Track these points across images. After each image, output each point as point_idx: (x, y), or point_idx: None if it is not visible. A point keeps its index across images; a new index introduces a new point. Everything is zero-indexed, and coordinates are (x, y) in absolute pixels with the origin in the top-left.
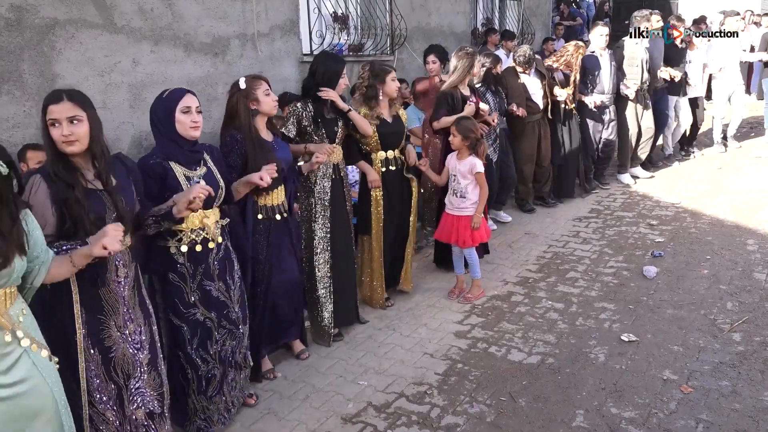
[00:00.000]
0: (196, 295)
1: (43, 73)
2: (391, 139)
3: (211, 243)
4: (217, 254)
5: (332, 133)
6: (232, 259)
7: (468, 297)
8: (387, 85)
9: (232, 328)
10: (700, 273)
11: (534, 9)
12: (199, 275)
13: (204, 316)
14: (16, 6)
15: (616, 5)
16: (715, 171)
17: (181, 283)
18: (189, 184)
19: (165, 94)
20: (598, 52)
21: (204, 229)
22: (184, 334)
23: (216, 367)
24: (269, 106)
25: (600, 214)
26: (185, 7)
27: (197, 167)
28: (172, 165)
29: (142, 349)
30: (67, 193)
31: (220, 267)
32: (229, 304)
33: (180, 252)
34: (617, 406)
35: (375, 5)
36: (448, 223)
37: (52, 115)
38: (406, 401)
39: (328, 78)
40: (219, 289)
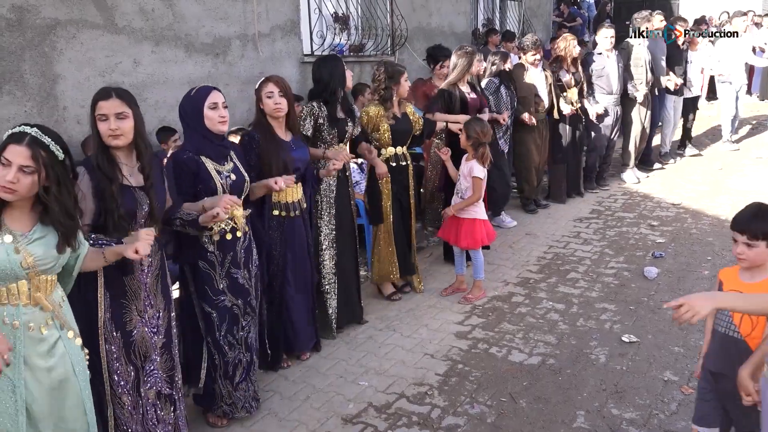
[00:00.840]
0: (224, 282)
1: (44, 74)
2: (401, 136)
3: (239, 232)
4: (242, 243)
5: (343, 132)
6: (252, 248)
7: (469, 297)
8: (401, 86)
9: (254, 314)
10: (701, 274)
11: (535, 9)
12: (227, 263)
13: (231, 302)
14: (18, 6)
15: (617, 5)
16: (716, 172)
17: (210, 271)
18: (220, 177)
19: (192, 92)
20: (605, 54)
21: (232, 219)
22: (213, 320)
23: (242, 353)
24: (269, 108)
25: (601, 214)
26: (186, 7)
27: (225, 162)
28: (203, 160)
29: (159, 333)
30: (105, 185)
31: (246, 255)
32: (252, 291)
33: (211, 241)
34: (618, 407)
35: (376, 6)
36: (450, 223)
37: (102, 110)
38: (407, 402)
39: (338, 80)
40: (244, 276)
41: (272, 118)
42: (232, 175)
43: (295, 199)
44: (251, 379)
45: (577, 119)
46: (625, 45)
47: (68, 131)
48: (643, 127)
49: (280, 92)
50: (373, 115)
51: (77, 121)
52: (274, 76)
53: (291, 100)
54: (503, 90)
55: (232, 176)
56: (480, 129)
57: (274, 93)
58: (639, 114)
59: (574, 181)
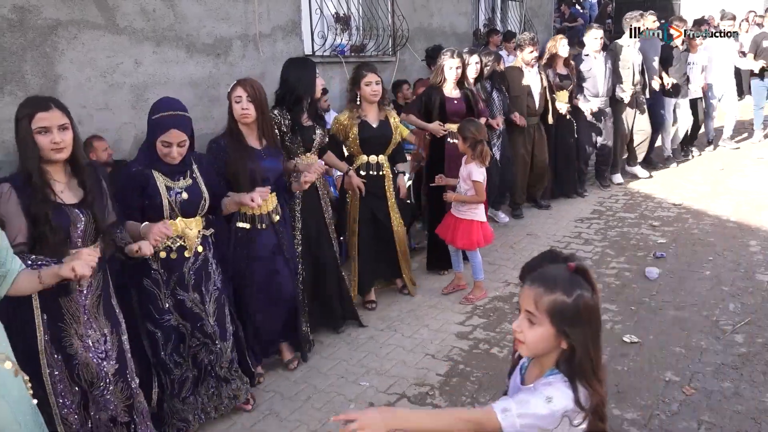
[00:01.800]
0: (169, 302)
1: (45, 74)
2: (374, 144)
3: (188, 252)
4: (193, 264)
5: (309, 140)
6: (209, 270)
7: (470, 298)
8: (361, 89)
9: (207, 342)
10: (703, 274)
11: (536, 10)
12: (172, 283)
13: (178, 322)
14: (19, 7)
15: (617, 5)
16: (717, 172)
17: (155, 289)
18: (169, 194)
19: (155, 116)
20: (593, 55)
21: (182, 237)
22: (158, 340)
23: (189, 370)
24: (236, 114)
25: (602, 215)
26: (187, 8)
27: (181, 178)
28: (154, 173)
29: (108, 359)
30: (36, 206)
31: (196, 277)
32: (204, 316)
33: (155, 258)
34: (619, 407)
35: (377, 6)
36: (449, 222)
37: (42, 122)
38: (408, 402)
39: (305, 86)
40: (193, 300)
41: (242, 124)
42: (185, 193)
43: (264, 212)
44: (200, 392)
45: (568, 122)
46: (613, 46)
47: None
48: (631, 132)
49: (248, 97)
50: (343, 121)
51: (78, 121)
52: (246, 80)
53: (263, 106)
54: (495, 94)
55: (185, 194)
56: (474, 128)
57: (242, 98)
58: (626, 116)
59: (568, 183)
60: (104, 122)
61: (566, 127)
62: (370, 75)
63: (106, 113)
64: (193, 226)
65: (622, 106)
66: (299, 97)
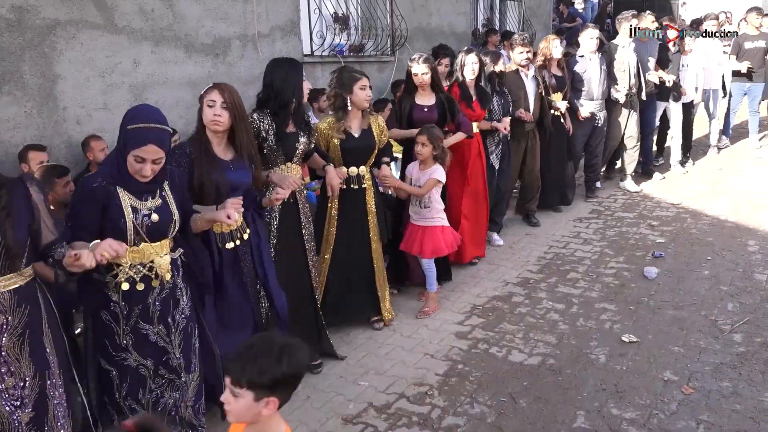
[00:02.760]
0: (129, 339)
1: (43, 74)
2: (355, 155)
3: (155, 281)
4: (160, 293)
5: (291, 150)
6: (178, 297)
7: (425, 311)
8: (355, 95)
9: (172, 377)
10: (701, 274)
11: (534, 9)
12: (134, 317)
13: (137, 362)
14: (17, 6)
15: (617, 5)
16: (716, 171)
17: (112, 324)
18: (135, 216)
19: (132, 126)
20: (588, 56)
21: (145, 265)
22: (112, 379)
23: None
24: (206, 119)
25: (601, 214)
26: (186, 7)
27: (150, 197)
28: (119, 191)
29: (23, 406)
30: None
31: (162, 307)
32: (170, 349)
33: (116, 289)
34: (618, 407)
35: (376, 6)
36: (414, 234)
37: None
38: (407, 402)
39: (291, 89)
40: (158, 333)
41: (211, 131)
42: (154, 214)
43: (233, 229)
44: None
45: (561, 128)
46: (607, 48)
47: (68, 131)
48: (623, 136)
49: (223, 103)
50: (324, 130)
51: (77, 121)
52: (223, 84)
53: (238, 115)
54: (495, 99)
55: (154, 216)
56: (440, 134)
57: (216, 103)
58: (621, 119)
59: (561, 190)
60: (103, 122)
61: (559, 133)
62: (363, 78)
63: (105, 113)
64: (162, 252)
65: (617, 109)
66: (285, 101)
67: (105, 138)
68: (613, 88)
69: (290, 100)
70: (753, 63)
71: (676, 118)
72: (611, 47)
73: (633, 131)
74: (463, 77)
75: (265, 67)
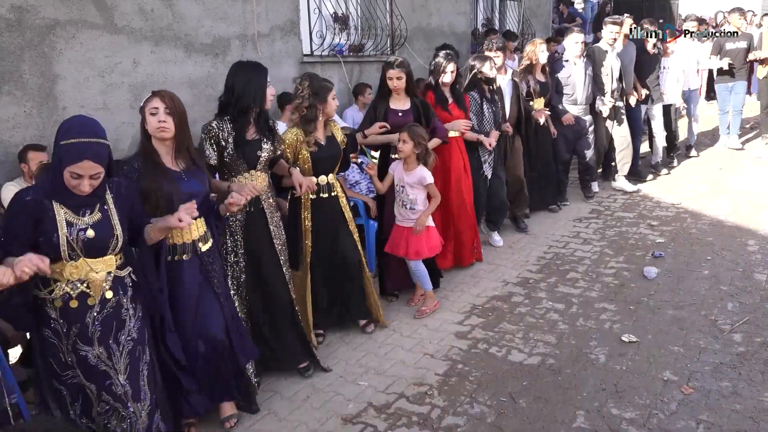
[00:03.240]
0: (72, 357)
1: (43, 74)
2: (325, 164)
3: (92, 299)
4: (99, 312)
5: (253, 158)
6: (123, 318)
7: (423, 310)
8: (328, 104)
9: (117, 405)
10: (701, 274)
11: (534, 9)
12: (73, 336)
13: (81, 381)
14: (17, 6)
15: (616, 5)
16: (716, 171)
17: (56, 341)
18: (69, 232)
19: (65, 141)
20: (572, 61)
21: (83, 282)
22: (64, 398)
23: None
24: (151, 127)
25: (600, 214)
26: (186, 7)
27: (88, 212)
28: (55, 206)
29: None
30: None
31: (103, 328)
32: (112, 374)
33: (52, 305)
34: (618, 406)
35: (375, 6)
36: (399, 236)
37: None
38: (407, 402)
39: (253, 95)
40: (98, 356)
41: (157, 140)
42: (91, 230)
43: (188, 240)
44: None
45: (545, 132)
46: (591, 52)
47: None
48: (611, 142)
49: (166, 109)
50: (291, 142)
51: None
52: (163, 91)
53: (182, 121)
54: (486, 106)
55: (90, 231)
56: (422, 133)
57: (159, 110)
58: (608, 123)
59: (546, 195)
60: (102, 122)
61: (544, 137)
62: (333, 88)
63: (105, 113)
64: (100, 268)
65: (601, 116)
66: (245, 107)
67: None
68: (599, 100)
69: (250, 106)
70: (735, 62)
71: (657, 121)
72: (595, 51)
73: (624, 131)
74: (436, 81)
75: (229, 69)
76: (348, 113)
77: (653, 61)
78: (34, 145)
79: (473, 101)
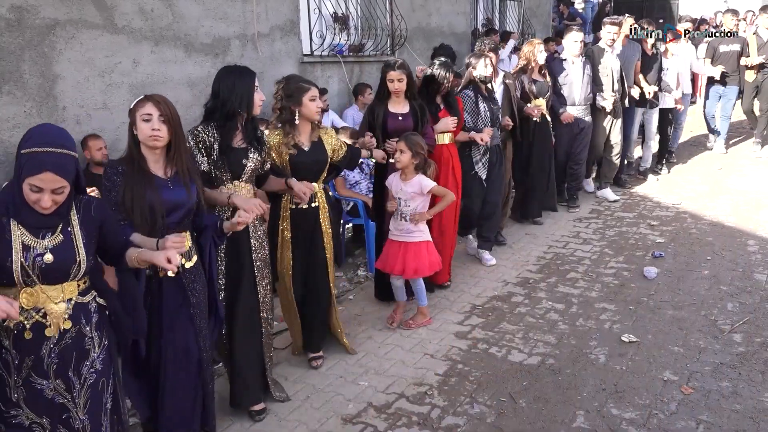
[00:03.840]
0: (20, 393)
1: (43, 74)
2: (307, 171)
3: (49, 330)
4: (57, 343)
5: (239, 166)
6: (86, 348)
7: (409, 323)
8: (305, 107)
9: None
10: (701, 274)
11: (534, 9)
12: (26, 368)
13: (30, 420)
14: (17, 6)
15: (617, 5)
16: (716, 171)
17: (3, 373)
18: (25, 257)
19: (26, 150)
20: (571, 60)
21: (39, 310)
22: None
23: None
24: (143, 135)
25: (600, 214)
26: (186, 7)
27: (48, 234)
28: (12, 225)
29: None
30: None
31: (61, 360)
32: (70, 407)
33: (6, 334)
34: (618, 406)
35: (375, 6)
36: (393, 252)
37: None
38: (407, 402)
39: (239, 100)
40: (56, 388)
41: (147, 148)
42: (48, 255)
43: None
44: None
45: (545, 133)
46: (590, 51)
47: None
48: (608, 142)
49: (161, 116)
50: (275, 144)
51: (76, 121)
52: (157, 96)
53: (176, 127)
54: (482, 105)
55: (48, 256)
56: (420, 141)
57: (153, 117)
58: (606, 125)
59: (543, 198)
60: (102, 122)
61: (543, 140)
62: (312, 89)
63: (105, 113)
64: (58, 296)
65: (601, 116)
66: (231, 112)
67: (104, 138)
68: (599, 96)
69: (236, 111)
70: (727, 66)
71: (653, 125)
72: (594, 51)
73: (616, 138)
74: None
75: (216, 75)
76: (348, 113)
77: (652, 62)
78: None
79: (468, 99)
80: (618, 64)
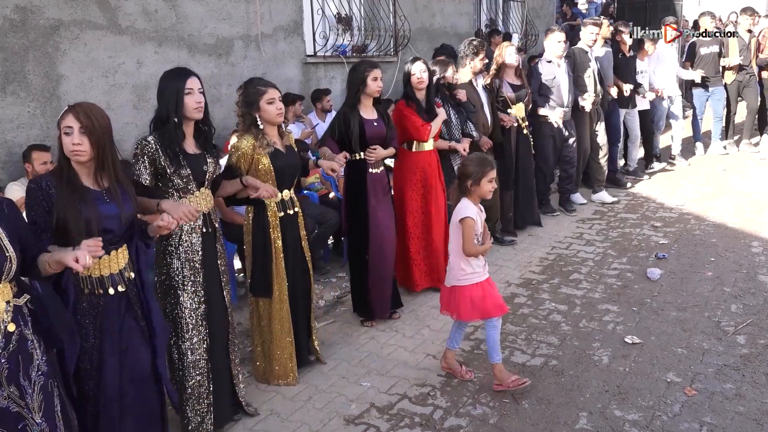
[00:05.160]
0: None
1: (47, 74)
2: (288, 175)
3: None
4: (5, 348)
5: (200, 173)
6: (30, 350)
7: (496, 387)
8: (263, 111)
9: None
10: (704, 275)
11: (538, 10)
12: None
13: None
14: (21, 7)
15: (620, 5)
16: (719, 173)
17: None
18: None
19: None
20: (556, 61)
21: None
22: None
23: None
24: (66, 149)
25: (603, 215)
26: (189, 8)
27: None
28: None
29: None
30: None
31: (11, 365)
32: (26, 414)
33: None
34: (621, 408)
35: (379, 6)
36: (444, 295)
37: None
38: (409, 402)
39: (167, 102)
40: (10, 396)
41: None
42: None
43: (114, 271)
44: None
45: (525, 140)
46: (571, 53)
47: None
48: (593, 144)
49: (81, 129)
50: (247, 150)
51: None
52: (80, 106)
53: (101, 139)
54: (452, 114)
55: None
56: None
57: (73, 129)
58: (588, 129)
59: (528, 207)
60: None
61: (524, 147)
62: (270, 90)
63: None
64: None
65: (584, 117)
66: (164, 117)
67: None
68: (580, 97)
69: (166, 115)
70: (708, 69)
71: (636, 126)
72: (575, 52)
73: (603, 140)
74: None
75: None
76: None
77: (629, 64)
78: (38, 145)
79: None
80: (597, 65)
